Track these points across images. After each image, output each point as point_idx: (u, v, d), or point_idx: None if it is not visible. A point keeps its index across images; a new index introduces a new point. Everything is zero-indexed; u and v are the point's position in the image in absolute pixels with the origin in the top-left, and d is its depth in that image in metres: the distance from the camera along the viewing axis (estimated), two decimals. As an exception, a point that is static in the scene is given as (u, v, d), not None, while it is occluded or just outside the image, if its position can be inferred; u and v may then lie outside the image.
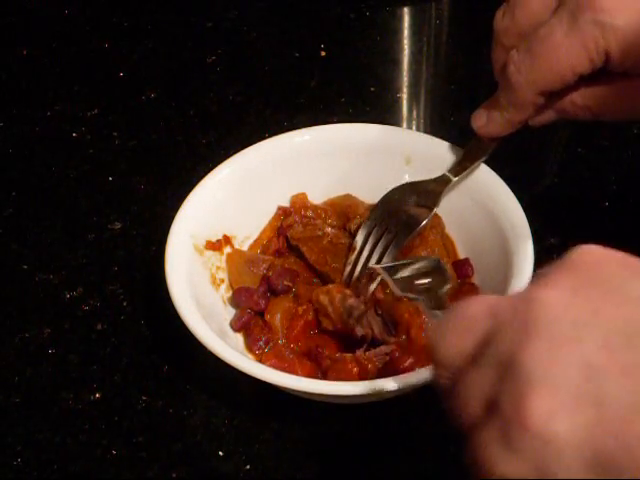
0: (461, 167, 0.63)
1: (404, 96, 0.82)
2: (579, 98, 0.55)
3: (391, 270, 0.53)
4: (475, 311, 0.37)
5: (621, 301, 0.33)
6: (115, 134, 0.78)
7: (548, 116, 0.58)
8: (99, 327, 0.64)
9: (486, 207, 0.63)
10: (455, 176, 0.63)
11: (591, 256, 0.35)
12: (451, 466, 0.56)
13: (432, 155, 0.65)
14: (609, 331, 0.32)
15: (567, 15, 0.51)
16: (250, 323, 0.60)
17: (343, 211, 0.66)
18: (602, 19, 0.50)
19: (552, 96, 0.56)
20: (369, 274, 0.60)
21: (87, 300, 0.65)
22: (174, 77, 0.84)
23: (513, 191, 0.62)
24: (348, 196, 0.67)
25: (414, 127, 0.80)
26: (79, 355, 0.62)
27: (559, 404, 0.32)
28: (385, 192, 0.65)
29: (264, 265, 0.63)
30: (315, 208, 0.67)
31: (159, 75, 0.85)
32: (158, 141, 0.78)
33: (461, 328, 0.37)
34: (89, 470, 0.56)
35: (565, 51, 0.52)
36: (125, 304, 0.65)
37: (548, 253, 0.66)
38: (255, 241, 0.66)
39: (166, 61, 0.86)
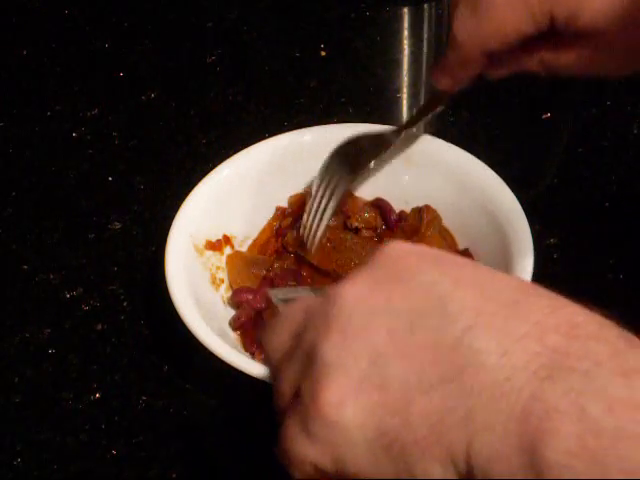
0: (417, 118, 0.65)
1: (404, 96, 0.82)
2: (534, 54, 0.56)
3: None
4: (294, 310, 0.39)
5: (409, 289, 0.35)
6: (115, 134, 0.78)
7: (504, 70, 0.58)
8: (99, 327, 0.64)
9: (486, 207, 0.63)
10: (409, 126, 0.65)
11: (394, 252, 0.37)
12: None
13: (432, 155, 0.65)
14: (395, 318, 0.34)
15: None
16: (249, 322, 0.60)
17: (342, 209, 0.66)
18: None
19: (502, 53, 0.56)
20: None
21: (87, 300, 0.65)
22: (174, 77, 0.84)
23: (513, 191, 0.62)
24: (347, 194, 0.67)
25: (414, 127, 0.80)
26: (79, 355, 0.62)
27: (348, 391, 0.34)
28: (384, 192, 0.65)
29: (264, 266, 0.63)
30: (306, 209, 0.66)
31: (159, 75, 0.84)
32: (158, 141, 0.78)
33: (282, 325, 0.39)
34: (89, 470, 0.56)
35: (509, 13, 0.52)
36: (125, 304, 0.65)
37: (548, 253, 0.66)
38: (254, 242, 0.66)
39: (166, 61, 0.86)
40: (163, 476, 0.56)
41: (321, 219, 0.63)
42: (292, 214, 0.66)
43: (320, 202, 0.63)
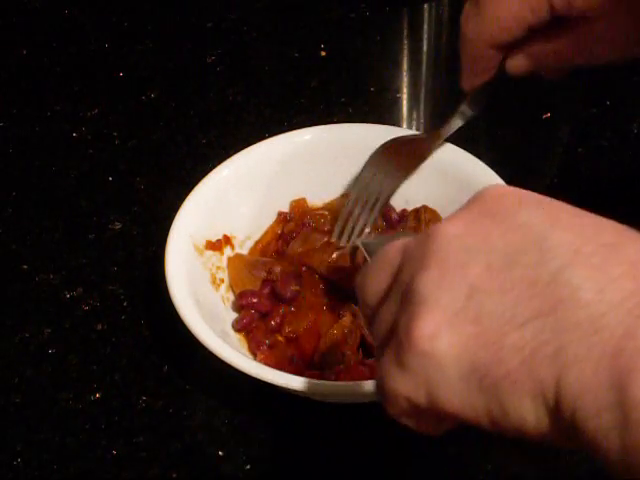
0: (454, 123, 0.65)
1: (404, 96, 0.82)
2: (546, 44, 0.57)
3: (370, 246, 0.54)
4: (389, 251, 0.39)
5: (508, 227, 0.35)
6: (115, 134, 0.78)
7: (522, 63, 0.59)
8: (99, 327, 0.64)
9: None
10: (446, 131, 0.65)
11: (493, 192, 0.38)
12: (451, 466, 0.56)
13: (432, 155, 0.65)
14: (493, 254, 0.35)
15: None
16: (252, 325, 0.60)
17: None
18: None
19: (513, 45, 0.56)
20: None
21: (87, 300, 0.65)
22: (174, 77, 0.84)
23: (513, 191, 0.62)
24: (347, 195, 0.67)
25: (414, 127, 0.80)
26: (79, 355, 0.62)
27: (442, 323, 0.34)
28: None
29: (264, 268, 0.63)
30: (314, 214, 0.66)
31: (159, 75, 0.85)
32: (158, 141, 0.78)
33: (378, 268, 0.39)
34: (89, 470, 0.56)
35: (508, 4, 0.54)
36: (125, 304, 0.65)
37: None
38: (255, 245, 0.66)
39: (166, 61, 0.86)
40: (163, 476, 0.56)
41: (365, 224, 0.63)
42: (294, 219, 0.66)
43: (362, 210, 0.63)
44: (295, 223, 0.66)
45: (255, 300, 0.61)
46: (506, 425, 0.34)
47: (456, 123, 0.65)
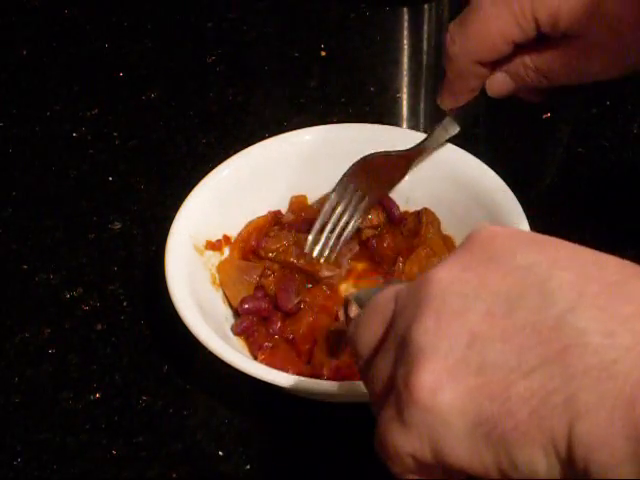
0: (433, 141, 0.64)
1: (404, 96, 0.82)
2: (528, 62, 0.57)
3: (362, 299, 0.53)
4: (382, 299, 0.38)
5: (506, 271, 0.34)
6: (115, 134, 0.78)
7: (503, 83, 0.59)
8: (99, 327, 0.64)
9: (486, 207, 0.63)
10: (426, 150, 0.64)
11: (485, 234, 0.36)
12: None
13: (432, 155, 0.65)
14: (492, 300, 0.33)
15: None
16: (252, 329, 0.60)
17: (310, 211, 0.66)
18: None
19: (496, 63, 0.56)
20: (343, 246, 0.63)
21: (87, 300, 0.65)
22: (174, 77, 0.84)
23: (513, 191, 0.62)
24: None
25: (414, 127, 0.80)
26: (79, 355, 0.62)
27: (444, 374, 0.33)
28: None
29: (256, 272, 0.63)
30: (312, 211, 0.66)
31: (159, 75, 0.85)
32: (158, 141, 0.78)
33: (370, 318, 0.38)
34: (89, 470, 0.56)
35: (494, 20, 0.53)
36: (125, 304, 0.65)
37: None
38: (235, 241, 0.65)
39: (166, 61, 0.86)
40: (163, 476, 0.56)
41: (336, 244, 0.63)
42: (293, 212, 0.66)
43: (335, 228, 0.63)
44: (295, 216, 0.66)
45: (255, 306, 0.61)
46: (517, 477, 0.32)
47: (437, 140, 0.64)
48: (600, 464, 0.30)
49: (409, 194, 0.66)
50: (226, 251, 0.64)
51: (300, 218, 0.66)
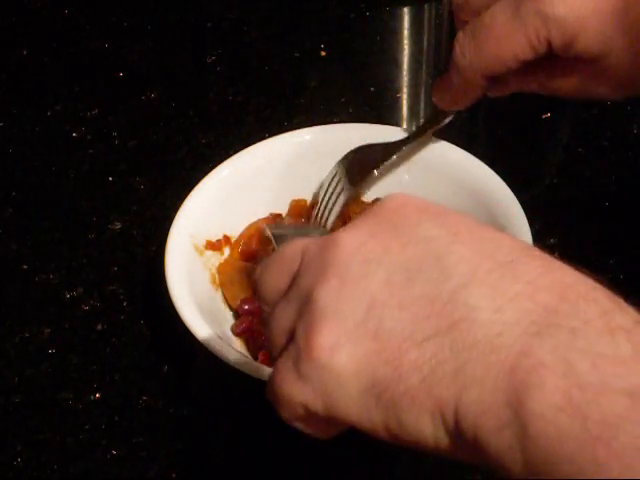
0: (423, 129, 0.65)
1: (404, 96, 0.82)
2: (534, 79, 0.57)
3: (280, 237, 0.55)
4: (290, 251, 0.39)
5: (408, 241, 0.36)
6: (115, 134, 0.78)
7: (506, 88, 0.59)
8: (99, 327, 0.64)
9: (486, 207, 0.62)
10: (415, 137, 0.65)
11: (394, 202, 0.38)
12: (451, 466, 0.56)
13: (432, 155, 0.65)
14: (393, 269, 0.35)
15: (510, 3, 0.53)
16: (252, 329, 0.60)
17: (343, 212, 0.66)
18: (544, 10, 0.51)
19: (501, 77, 0.57)
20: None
21: (87, 300, 0.65)
22: (174, 77, 0.84)
23: (513, 191, 0.62)
24: (350, 201, 0.67)
25: (414, 127, 0.80)
26: (79, 355, 0.62)
27: (343, 337, 0.35)
28: (384, 192, 0.64)
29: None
30: (311, 215, 0.66)
31: (159, 75, 0.85)
32: (158, 141, 0.78)
33: (277, 266, 0.40)
34: (89, 470, 0.56)
35: (507, 39, 0.53)
36: (125, 304, 0.65)
37: (548, 253, 0.66)
38: (236, 242, 0.65)
39: (166, 61, 0.86)
40: (163, 476, 0.56)
41: (324, 225, 0.64)
42: (292, 216, 0.66)
43: (324, 210, 0.64)
44: (294, 219, 0.66)
45: (255, 307, 0.61)
46: (404, 439, 0.34)
47: (427, 129, 0.65)
48: (486, 430, 0.32)
49: (414, 195, 0.66)
50: (226, 251, 0.64)
51: (300, 221, 0.66)
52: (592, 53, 0.52)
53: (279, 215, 0.67)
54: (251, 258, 0.64)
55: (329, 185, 0.65)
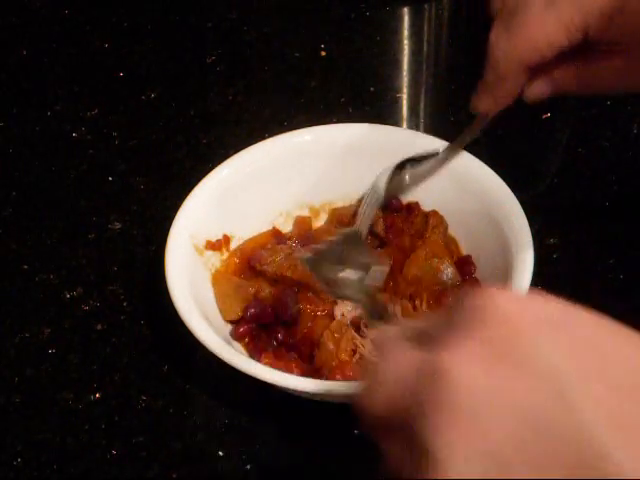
0: (461, 140, 0.64)
1: (404, 96, 0.82)
2: (569, 71, 0.56)
3: (314, 262, 0.54)
4: (393, 373, 0.36)
5: (532, 377, 0.32)
6: (115, 134, 0.78)
7: (542, 90, 0.58)
8: (99, 327, 0.64)
9: (486, 207, 0.63)
10: (455, 149, 0.64)
11: (499, 310, 0.34)
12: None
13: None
14: (519, 418, 0.32)
15: None
16: (251, 334, 0.60)
17: (346, 220, 0.66)
18: None
19: (537, 69, 0.56)
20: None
21: (87, 300, 0.65)
22: (174, 77, 0.84)
23: (513, 191, 0.62)
24: (352, 205, 0.68)
25: (414, 127, 0.80)
26: (79, 355, 0.62)
27: None
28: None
29: (251, 289, 0.63)
30: (317, 232, 0.67)
31: (159, 75, 0.85)
32: (158, 141, 0.78)
33: (380, 390, 0.36)
34: (89, 470, 0.56)
35: (542, 27, 0.52)
36: (125, 304, 0.65)
37: (548, 253, 0.66)
38: (233, 251, 0.65)
39: (166, 61, 0.86)
40: (163, 476, 0.56)
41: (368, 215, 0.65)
42: (297, 236, 0.67)
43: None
44: (297, 231, 0.67)
45: (260, 312, 0.61)
46: None
47: (466, 139, 0.64)
48: None
49: (416, 196, 0.67)
50: (226, 252, 0.64)
51: (302, 236, 0.66)
52: (628, 40, 0.51)
53: (278, 231, 0.67)
54: (247, 271, 0.64)
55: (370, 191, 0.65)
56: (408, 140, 0.67)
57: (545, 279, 0.63)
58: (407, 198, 0.67)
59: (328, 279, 0.54)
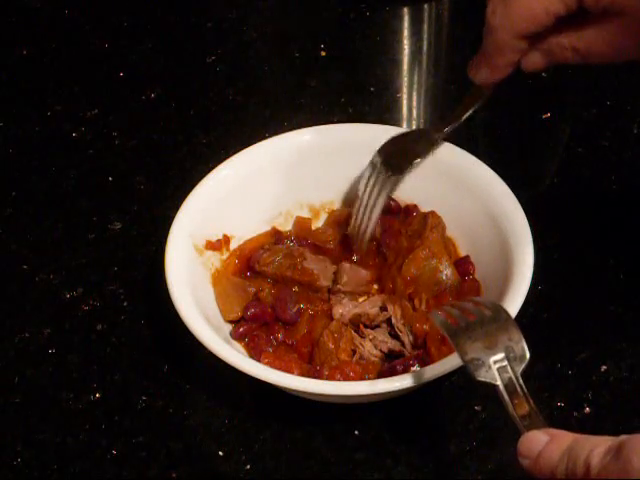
0: (458, 114, 0.62)
1: (404, 96, 0.82)
2: (565, 39, 0.56)
3: (453, 331, 0.50)
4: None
5: None
6: (115, 134, 0.78)
7: (538, 60, 0.58)
8: (99, 327, 0.64)
9: (486, 207, 0.63)
10: (448, 125, 0.62)
11: None
12: (451, 466, 0.56)
13: (432, 155, 0.65)
14: None
15: None
16: (251, 334, 0.60)
17: (344, 222, 0.66)
18: None
19: (534, 38, 0.56)
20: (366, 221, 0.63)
21: (87, 300, 0.65)
22: (174, 77, 0.84)
23: (513, 191, 0.62)
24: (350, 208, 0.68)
25: (414, 127, 0.80)
26: (79, 355, 0.62)
27: None
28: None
29: (251, 289, 0.63)
30: (316, 234, 0.66)
31: (159, 75, 0.85)
32: (158, 141, 0.78)
33: None
34: (89, 470, 0.56)
35: None
36: (125, 304, 0.65)
37: (548, 253, 0.66)
38: (233, 252, 0.65)
39: (166, 61, 0.86)
40: (163, 476, 0.56)
41: (369, 218, 0.63)
42: (296, 237, 0.67)
43: (367, 203, 0.63)
44: (296, 231, 0.67)
45: (260, 311, 0.61)
46: None
47: (463, 114, 0.62)
48: None
49: (414, 195, 0.67)
50: (226, 251, 0.64)
51: (301, 237, 0.66)
52: (622, 3, 0.51)
53: (278, 231, 0.67)
54: (247, 271, 0.64)
55: (369, 179, 0.63)
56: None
57: (545, 279, 0.63)
58: (405, 197, 0.67)
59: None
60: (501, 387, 0.46)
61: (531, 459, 0.42)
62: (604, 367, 0.60)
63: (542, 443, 0.42)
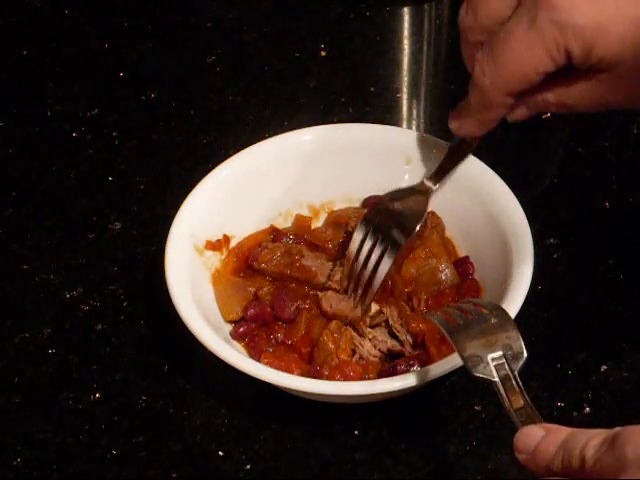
0: (443, 172, 0.63)
1: (404, 96, 0.82)
2: (551, 95, 0.56)
3: (449, 328, 0.51)
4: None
5: None
6: (115, 134, 0.78)
7: (524, 112, 0.58)
8: (99, 327, 0.64)
9: (486, 207, 0.63)
10: (436, 184, 0.63)
11: None
12: (451, 466, 0.56)
13: (432, 155, 0.65)
14: None
15: (526, 15, 0.51)
16: (251, 333, 0.60)
17: (343, 222, 0.66)
18: (560, 18, 0.50)
19: (522, 94, 0.56)
20: (366, 284, 0.61)
21: (87, 300, 0.65)
22: (174, 77, 0.84)
23: (513, 191, 0.62)
24: (349, 208, 0.68)
25: (414, 127, 0.80)
26: (79, 355, 0.62)
27: None
28: (385, 192, 0.65)
29: (251, 289, 0.63)
30: (315, 233, 0.66)
31: (159, 75, 0.85)
32: (158, 141, 0.78)
33: None
34: (89, 470, 0.56)
35: (526, 52, 0.52)
36: (125, 304, 0.65)
37: (548, 253, 0.66)
38: (232, 250, 0.65)
39: (166, 61, 0.86)
40: (163, 476, 0.56)
41: (371, 284, 0.61)
42: (295, 234, 0.66)
43: (367, 263, 0.61)
44: (295, 229, 0.67)
45: (260, 311, 0.61)
46: None
47: (451, 168, 0.63)
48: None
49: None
50: (226, 251, 0.64)
51: (300, 235, 0.66)
52: (610, 60, 0.51)
53: (276, 229, 0.67)
54: (246, 269, 0.64)
55: (371, 241, 0.61)
56: (408, 140, 0.67)
57: (545, 279, 0.63)
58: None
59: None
60: (498, 383, 0.47)
61: (527, 454, 0.43)
62: (604, 367, 0.60)
63: (538, 438, 0.42)
